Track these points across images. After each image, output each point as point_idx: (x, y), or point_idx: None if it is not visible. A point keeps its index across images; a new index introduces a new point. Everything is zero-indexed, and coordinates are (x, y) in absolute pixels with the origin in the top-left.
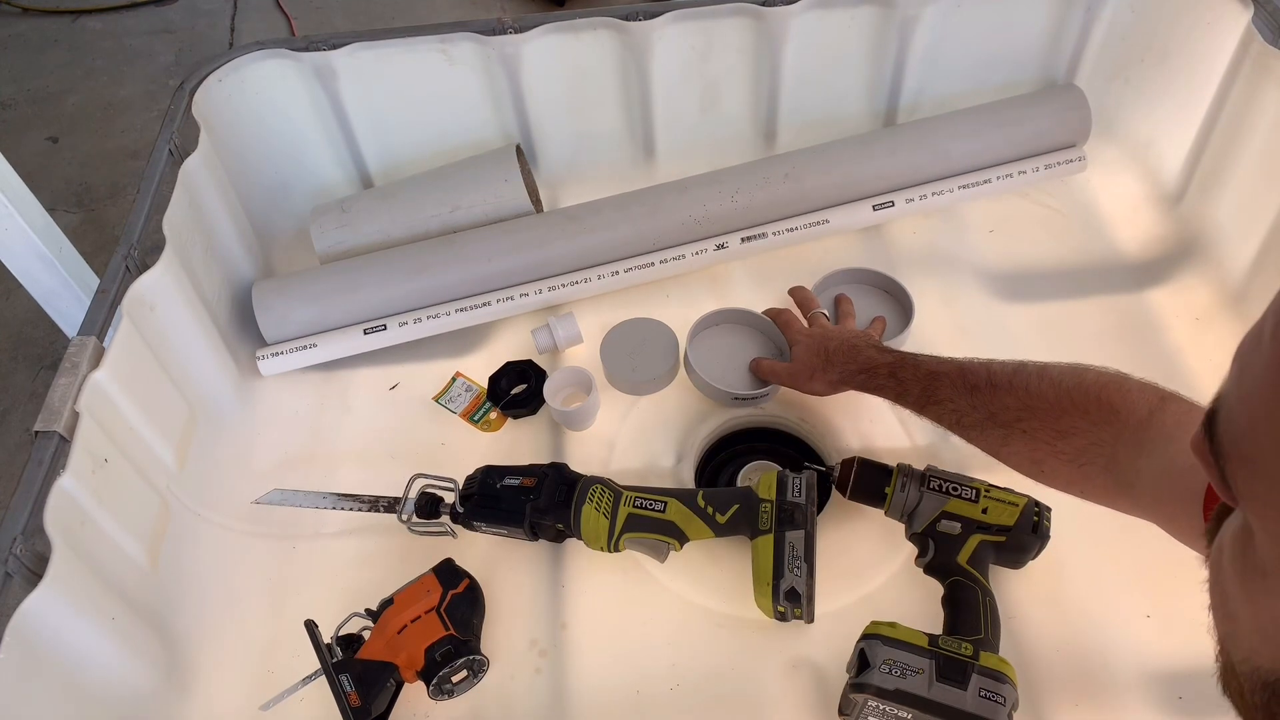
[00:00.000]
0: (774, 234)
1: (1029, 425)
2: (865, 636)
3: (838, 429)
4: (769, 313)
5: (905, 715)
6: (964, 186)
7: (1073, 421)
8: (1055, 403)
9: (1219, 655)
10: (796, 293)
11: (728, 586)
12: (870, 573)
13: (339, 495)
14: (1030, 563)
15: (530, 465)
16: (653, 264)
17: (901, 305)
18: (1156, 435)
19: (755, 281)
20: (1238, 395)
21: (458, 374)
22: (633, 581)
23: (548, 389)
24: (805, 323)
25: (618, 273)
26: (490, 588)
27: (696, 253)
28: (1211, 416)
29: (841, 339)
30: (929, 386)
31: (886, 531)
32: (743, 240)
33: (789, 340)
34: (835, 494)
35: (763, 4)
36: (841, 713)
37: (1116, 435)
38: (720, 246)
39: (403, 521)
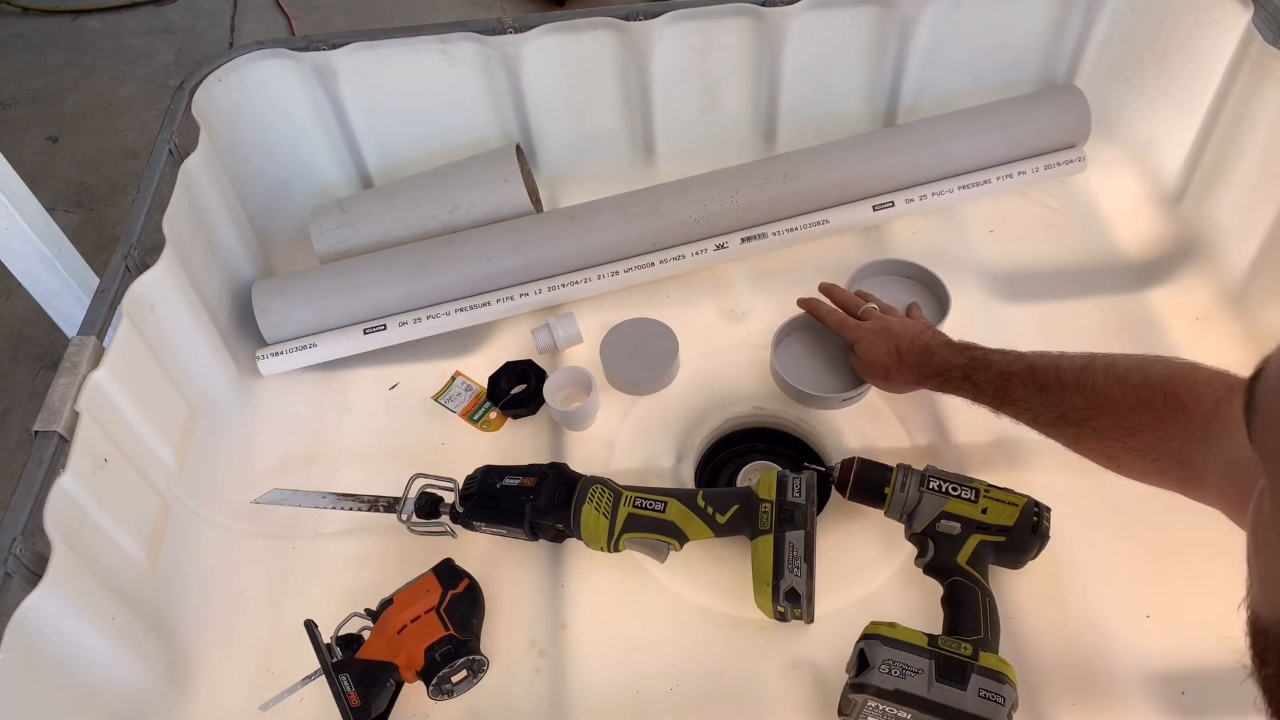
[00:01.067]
0: (774, 234)
1: (1099, 423)
2: (865, 636)
3: (838, 429)
4: (804, 304)
5: (905, 715)
6: (964, 186)
7: (1140, 418)
8: (1122, 400)
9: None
10: (833, 292)
11: (728, 586)
12: (870, 573)
13: (339, 495)
14: (1030, 563)
15: (530, 465)
16: (653, 264)
17: (937, 297)
18: (1223, 427)
19: (755, 281)
20: (1277, 357)
21: (457, 374)
22: (633, 581)
23: (548, 389)
24: (854, 317)
25: (618, 273)
26: (490, 588)
27: (696, 253)
28: (1255, 376)
29: (911, 337)
30: (1002, 387)
31: (886, 531)
32: (743, 240)
33: (847, 337)
34: (835, 494)
35: (763, 4)
36: (841, 713)
37: (1184, 429)
38: (720, 246)
39: (403, 521)
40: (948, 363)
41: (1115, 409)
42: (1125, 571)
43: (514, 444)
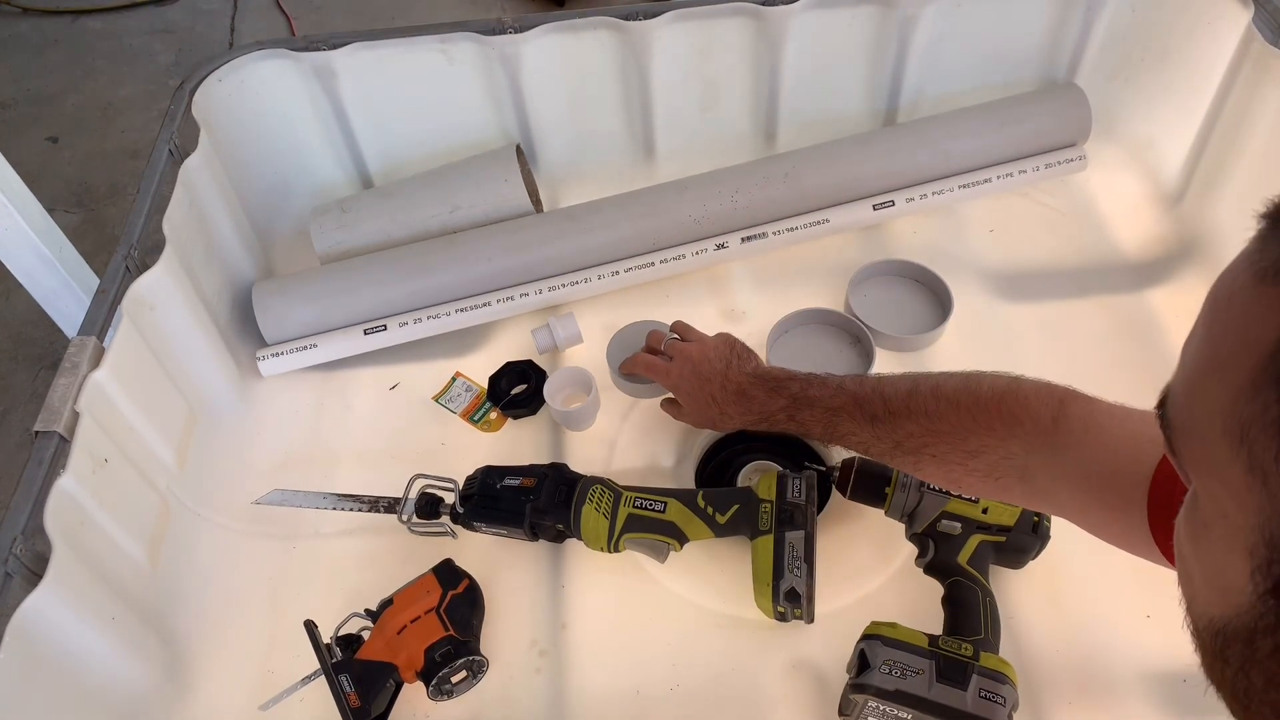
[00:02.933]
0: (774, 234)
1: (937, 450)
2: (865, 637)
3: None
4: (633, 363)
5: (905, 716)
6: (964, 186)
7: (980, 440)
8: (957, 424)
9: (1191, 631)
10: (650, 337)
11: (728, 587)
12: (870, 573)
13: (339, 495)
14: (1030, 563)
15: (530, 465)
16: (653, 264)
17: (938, 297)
18: (1064, 440)
19: (755, 281)
20: (1180, 379)
21: (458, 374)
22: (633, 581)
23: (548, 389)
24: (661, 358)
25: (618, 273)
26: (490, 588)
27: (696, 253)
28: (1163, 401)
29: (721, 380)
30: (829, 423)
31: (886, 531)
32: (743, 240)
33: (663, 383)
34: (835, 494)
35: (763, 3)
36: (841, 713)
37: (1026, 446)
38: (720, 246)
39: (403, 522)
40: (767, 407)
41: (952, 434)
42: (1125, 571)
43: (514, 444)
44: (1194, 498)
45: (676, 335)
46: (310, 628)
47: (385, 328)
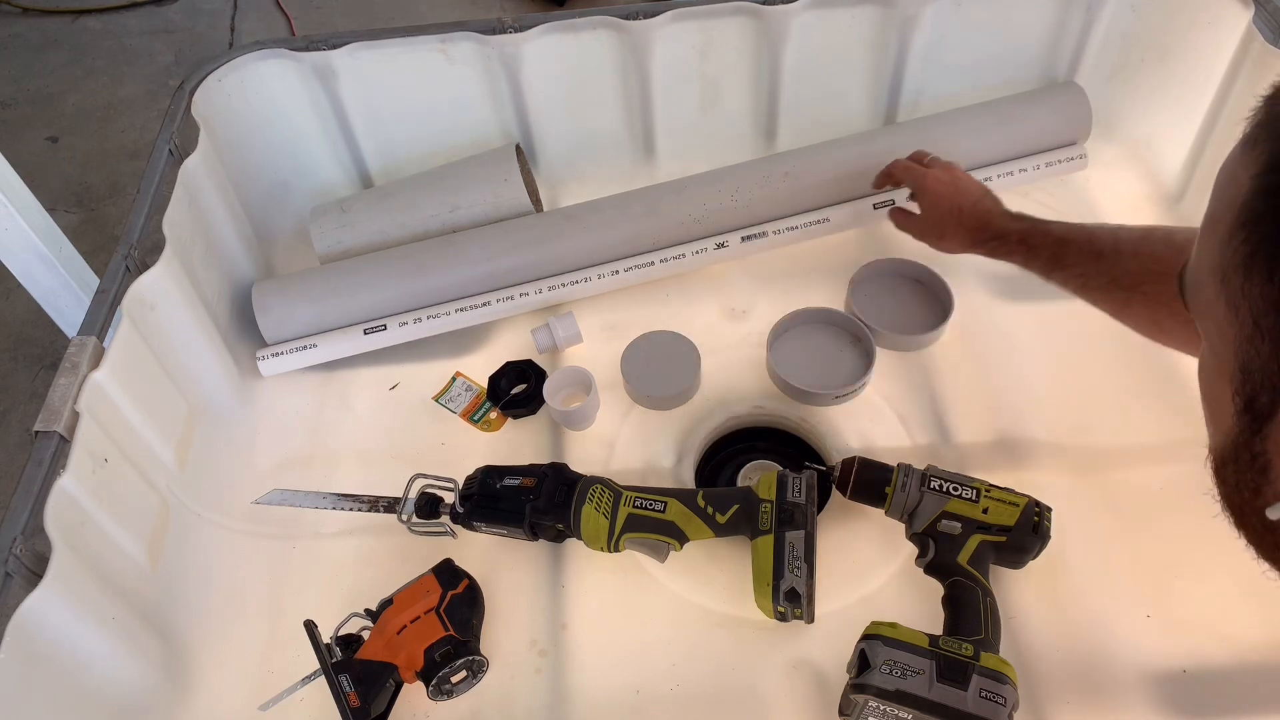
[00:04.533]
0: (774, 232)
1: (1149, 288)
2: (866, 637)
3: (838, 428)
4: (891, 169)
5: (906, 716)
6: None
7: None
8: (1175, 264)
9: (1211, 469)
10: (901, 160)
11: (728, 586)
12: (870, 573)
13: (339, 495)
14: (1031, 563)
15: (530, 465)
16: (653, 263)
17: (939, 297)
18: None
19: (756, 280)
20: (1194, 253)
21: (458, 374)
22: (633, 581)
23: (547, 389)
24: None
25: (618, 272)
26: (490, 588)
27: (696, 252)
28: (1181, 272)
29: (975, 199)
30: (1057, 252)
31: (886, 531)
32: (743, 239)
33: (915, 188)
34: (835, 494)
35: (763, 3)
36: (842, 713)
37: None
38: (720, 246)
39: (403, 522)
40: (1006, 228)
41: (1167, 274)
42: (1125, 571)
43: (514, 444)
44: (1205, 345)
45: (938, 157)
46: (310, 628)
47: (385, 327)
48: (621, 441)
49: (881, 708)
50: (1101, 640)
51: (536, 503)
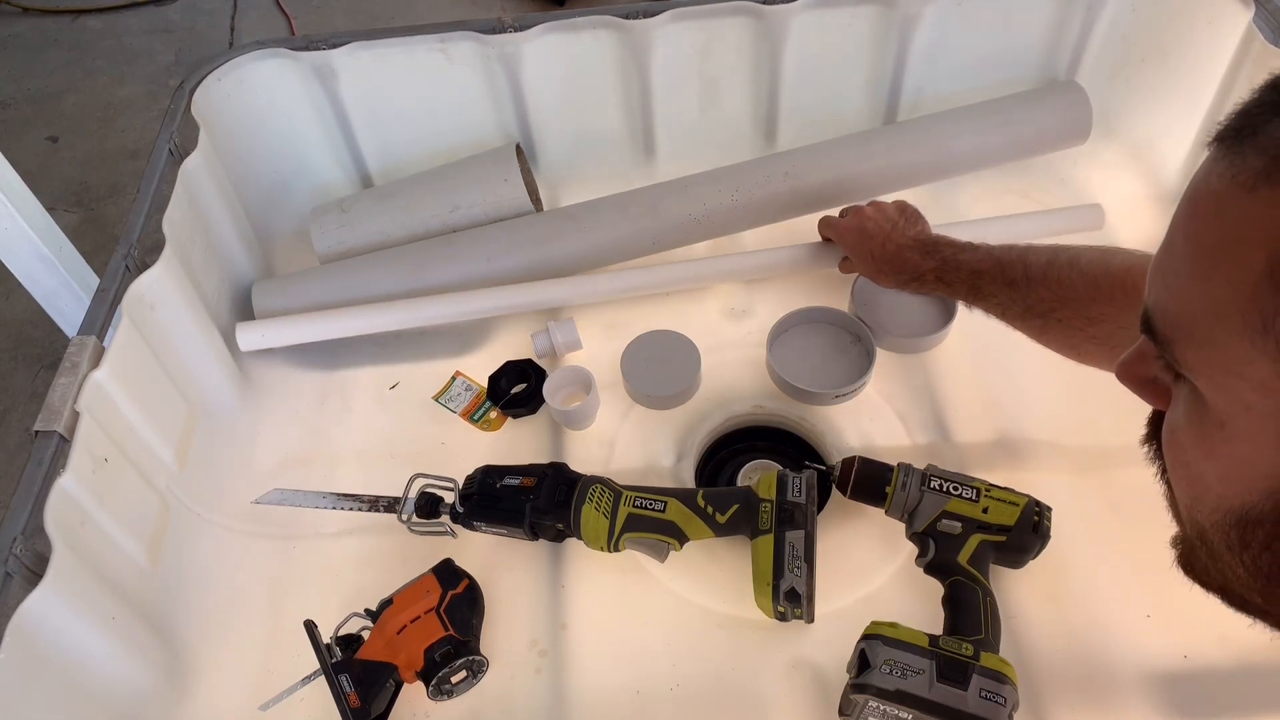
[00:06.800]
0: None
1: (1062, 315)
2: (866, 637)
3: (838, 428)
4: (819, 225)
5: (906, 716)
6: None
7: (1101, 309)
8: (1084, 292)
9: (1178, 541)
10: (825, 216)
11: (728, 586)
12: (870, 573)
13: (339, 495)
14: (1030, 562)
15: (530, 465)
16: (654, 276)
17: (940, 297)
18: None
19: (755, 281)
20: (1165, 294)
21: (458, 373)
22: (633, 581)
23: (547, 388)
24: (842, 219)
25: (619, 284)
26: (490, 588)
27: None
28: (1147, 322)
29: (883, 239)
30: (973, 284)
31: (886, 531)
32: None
33: (835, 240)
34: (835, 493)
35: (763, 2)
36: (842, 713)
37: None
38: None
39: (402, 521)
40: (920, 267)
41: (1078, 301)
42: (1125, 571)
43: (514, 444)
44: (1197, 403)
45: (861, 205)
46: (310, 628)
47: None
48: (621, 441)
49: (881, 708)
50: (1101, 640)
51: (536, 502)
